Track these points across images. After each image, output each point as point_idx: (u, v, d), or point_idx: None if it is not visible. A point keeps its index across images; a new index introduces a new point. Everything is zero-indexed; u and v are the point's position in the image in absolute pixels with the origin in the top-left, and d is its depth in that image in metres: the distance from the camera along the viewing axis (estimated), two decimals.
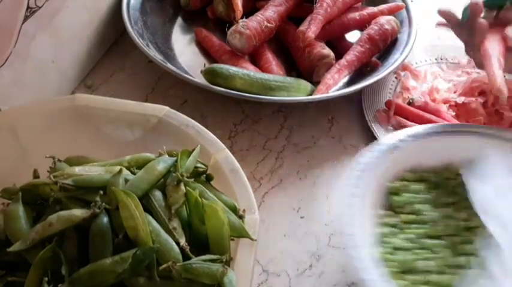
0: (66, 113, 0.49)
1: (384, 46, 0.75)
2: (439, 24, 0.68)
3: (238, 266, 0.39)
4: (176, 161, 0.42)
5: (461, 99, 0.68)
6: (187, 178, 0.41)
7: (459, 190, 0.53)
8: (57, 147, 0.46)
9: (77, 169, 0.42)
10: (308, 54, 0.71)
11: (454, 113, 0.68)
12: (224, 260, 0.38)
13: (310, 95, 0.68)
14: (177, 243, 0.38)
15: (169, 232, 0.39)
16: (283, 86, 0.66)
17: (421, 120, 0.65)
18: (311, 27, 0.70)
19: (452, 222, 0.51)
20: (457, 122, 0.66)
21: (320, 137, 0.67)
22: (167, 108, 0.49)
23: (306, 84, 0.68)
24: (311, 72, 0.72)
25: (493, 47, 0.58)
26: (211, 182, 0.45)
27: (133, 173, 0.43)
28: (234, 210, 0.42)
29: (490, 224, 0.47)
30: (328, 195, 0.60)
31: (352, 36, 0.81)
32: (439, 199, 0.53)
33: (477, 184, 0.51)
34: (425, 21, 0.81)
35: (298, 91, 0.67)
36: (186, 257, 0.38)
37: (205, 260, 0.37)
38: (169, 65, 0.65)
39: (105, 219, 0.38)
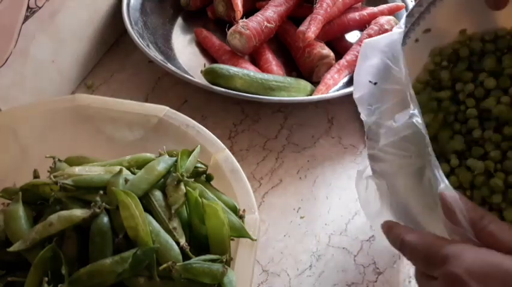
0: (66, 113, 0.49)
1: None
2: None
3: (238, 266, 0.39)
4: (176, 161, 0.42)
5: None
6: (188, 178, 0.42)
7: None
8: (57, 147, 0.46)
9: (77, 169, 0.42)
10: (308, 54, 0.71)
11: None
12: (224, 260, 0.38)
13: (310, 95, 0.68)
14: (177, 243, 0.38)
15: (169, 232, 0.39)
16: (283, 86, 0.66)
17: None
18: (311, 27, 0.70)
19: None
20: None
21: (320, 137, 0.67)
22: (167, 108, 0.49)
23: (306, 84, 0.68)
24: (311, 72, 0.72)
25: None
26: (211, 182, 0.45)
27: (134, 173, 0.43)
28: (234, 210, 0.42)
29: None
30: (328, 195, 0.60)
31: (352, 36, 0.81)
32: None
33: None
34: None
35: (298, 91, 0.67)
36: (186, 257, 0.38)
37: (205, 260, 0.37)
38: (169, 65, 0.65)
39: (105, 219, 0.38)
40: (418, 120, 0.37)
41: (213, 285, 0.37)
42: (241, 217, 0.41)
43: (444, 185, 0.34)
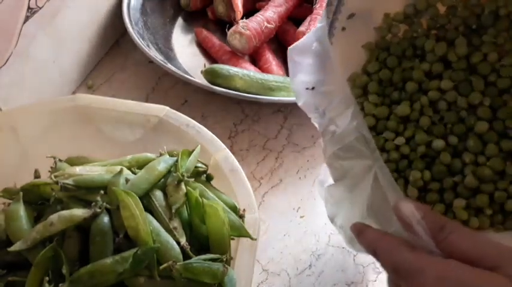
0: (66, 113, 0.49)
1: None
2: None
3: (238, 265, 0.39)
4: (176, 161, 0.42)
5: None
6: (188, 177, 0.42)
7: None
8: (58, 147, 0.46)
9: (78, 169, 0.42)
10: None
11: None
12: (224, 259, 0.38)
13: None
14: (178, 243, 0.38)
15: (169, 231, 0.39)
16: (283, 86, 0.66)
17: None
18: (311, 28, 0.70)
19: None
20: None
21: (320, 137, 0.67)
22: (167, 108, 0.49)
23: None
24: None
25: None
26: (212, 182, 0.46)
27: (134, 173, 0.43)
28: (234, 210, 0.42)
29: None
30: None
31: None
32: None
33: None
34: None
35: None
36: (186, 256, 0.38)
37: (205, 260, 0.38)
38: (169, 65, 0.65)
39: (106, 219, 0.38)
40: (359, 123, 0.35)
41: (214, 284, 0.37)
42: (241, 217, 0.41)
43: (397, 195, 0.32)
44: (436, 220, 0.31)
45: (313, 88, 0.39)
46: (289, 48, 0.40)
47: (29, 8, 0.55)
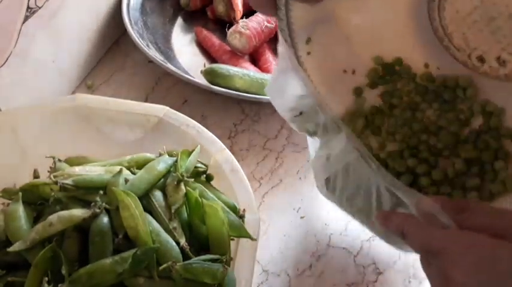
0: (66, 113, 0.49)
1: None
2: None
3: (238, 266, 0.39)
4: (176, 161, 0.42)
5: None
6: (188, 177, 0.42)
7: None
8: (58, 147, 0.46)
9: (77, 169, 0.42)
10: None
11: None
12: (224, 260, 0.38)
13: None
14: (177, 243, 0.38)
15: (169, 232, 0.39)
16: None
17: None
18: None
19: None
20: None
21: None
22: (167, 108, 0.49)
23: None
24: None
25: None
26: (211, 182, 0.45)
27: (134, 173, 0.43)
28: (234, 210, 0.42)
29: None
30: None
31: None
32: None
33: None
34: None
35: None
36: (186, 257, 0.38)
37: (205, 260, 0.37)
38: (169, 65, 0.65)
39: (105, 219, 0.38)
40: (355, 144, 0.36)
41: (213, 285, 0.37)
42: (241, 217, 0.41)
43: (417, 197, 0.34)
44: (454, 205, 0.33)
45: (300, 113, 0.40)
46: (265, 89, 0.41)
47: (28, 7, 0.55)
